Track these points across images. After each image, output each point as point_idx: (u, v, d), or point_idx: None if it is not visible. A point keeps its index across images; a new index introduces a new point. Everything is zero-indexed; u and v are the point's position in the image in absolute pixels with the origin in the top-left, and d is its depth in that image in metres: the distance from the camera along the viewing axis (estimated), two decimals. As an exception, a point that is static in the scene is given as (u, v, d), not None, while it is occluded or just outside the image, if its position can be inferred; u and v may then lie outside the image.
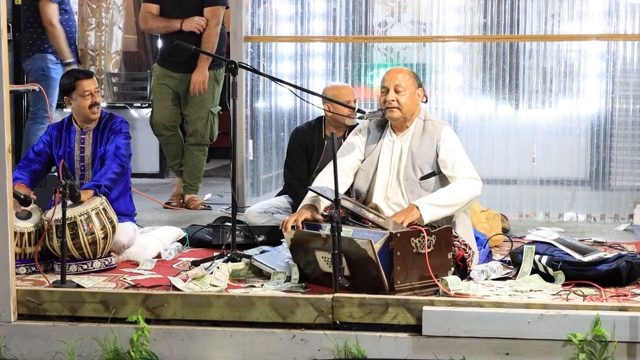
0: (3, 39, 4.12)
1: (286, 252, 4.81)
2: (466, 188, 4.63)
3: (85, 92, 5.21)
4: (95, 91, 5.25)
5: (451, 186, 4.65)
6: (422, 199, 4.60)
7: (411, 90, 4.77)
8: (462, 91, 7.00)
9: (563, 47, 6.78)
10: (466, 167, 4.69)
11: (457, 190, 4.61)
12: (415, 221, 4.50)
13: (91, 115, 5.24)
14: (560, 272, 4.51)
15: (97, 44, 9.16)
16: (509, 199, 6.88)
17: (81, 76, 5.26)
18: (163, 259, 5.16)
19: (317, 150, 5.91)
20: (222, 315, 4.19)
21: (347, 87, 5.98)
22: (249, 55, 7.13)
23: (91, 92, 5.22)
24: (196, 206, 6.97)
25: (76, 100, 5.24)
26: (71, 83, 5.23)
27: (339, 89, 5.87)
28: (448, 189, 4.64)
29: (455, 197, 4.60)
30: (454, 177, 4.67)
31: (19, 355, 4.23)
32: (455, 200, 4.59)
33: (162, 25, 6.85)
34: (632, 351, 3.89)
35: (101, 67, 9.21)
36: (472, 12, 6.95)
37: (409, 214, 4.52)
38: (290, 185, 5.98)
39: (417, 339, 4.01)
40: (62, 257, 4.53)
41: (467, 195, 4.62)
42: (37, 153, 5.29)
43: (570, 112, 6.73)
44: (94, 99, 5.23)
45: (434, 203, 4.55)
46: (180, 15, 6.77)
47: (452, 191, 4.62)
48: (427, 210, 4.52)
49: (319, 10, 7.15)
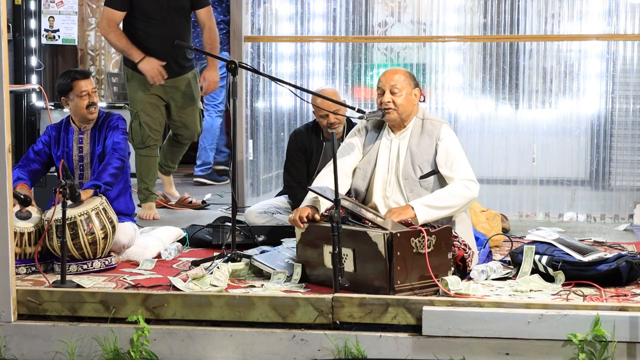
0: (3, 39, 4.12)
1: (286, 252, 4.82)
2: (463, 190, 4.62)
3: (83, 93, 5.21)
4: (93, 91, 5.25)
5: (448, 188, 4.64)
6: (419, 199, 4.60)
7: (407, 91, 4.77)
8: (462, 91, 7.00)
9: (563, 47, 6.78)
10: (464, 169, 4.69)
11: (453, 193, 4.61)
12: (408, 220, 4.50)
13: (89, 116, 5.24)
14: (560, 272, 4.51)
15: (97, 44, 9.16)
16: (509, 199, 6.88)
17: (78, 76, 5.25)
18: (163, 259, 5.16)
19: (316, 152, 5.91)
20: (222, 315, 4.19)
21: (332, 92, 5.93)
22: (249, 55, 7.12)
23: (88, 92, 5.22)
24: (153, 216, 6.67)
25: (73, 101, 5.23)
26: (68, 83, 5.23)
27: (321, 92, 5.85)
28: (445, 190, 4.63)
29: (452, 200, 4.59)
30: (451, 179, 4.66)
31: (19, 355, 4.23)
32: (451, 202, 4.59)
33: (122, 46, 6.44)
34: (632, 351, 3.89)
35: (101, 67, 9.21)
36: (472, 12, 6.95)
37: (402, 212, 4.52)
38: (290, 188, 5.98)
39: (417, 339, 4.01)
40: (62, 257, 4.53)
41: (464, 197, 4.62)
42: (36, 153, 5.30)
43: (570, 112, 6.72)
44: (91, 99, 5.23)
45: (429, 204, 4.55)
46: (164, 18, 6.42)
47: (449, 193, 4.61)
48: (423, 211, 4.52)
49: (319, 10, 7.15)
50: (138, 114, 6.57)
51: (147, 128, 6.57)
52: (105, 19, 6.44)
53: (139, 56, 6.40)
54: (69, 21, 8.85)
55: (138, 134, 6.58)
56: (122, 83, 9.38)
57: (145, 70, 6.40)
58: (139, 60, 6.40)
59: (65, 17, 8.84)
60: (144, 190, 6.62)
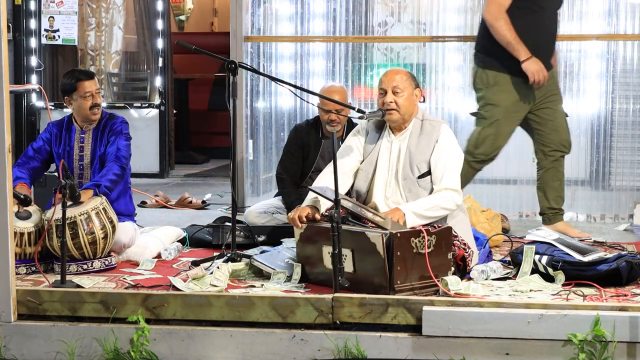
0: (3, 39, 4.12)
1: (286, 252, 4.82)
2: (448, 203, 4.65)
3: (87, 94, 5.20)
4: (96, 92, 5.24)
5: (437, 200, 4.65)
6: (409, 205, 4.60)
7: (409, 92, 4.78)
8: (462, 91, 7.00)
9: (563, 47, 6.78)
10: (453, 179, 4.70)
11: (440, 205, 4.63)
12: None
13: (92, 116, 5.24)
14: (560, 272, 4.51)
15: (97, 44, 9.16)
16: (509, 199, 6.88)
17: (82, 77, 5.24)
18: (163, 259, 5.16)
19: (314, 148, 5.92)
20: (222, 315, 4.19)
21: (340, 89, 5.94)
22: (249, 55, 7.13)
23: (92, 94, 5.21)
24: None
25: (77, 101, 5.23)
26: (72, 84, 5.22)
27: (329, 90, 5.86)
28: (434, 202, 4.64)
29: (437, 212, 4.63)
30: (439, 187, 4.67)
31: (19, 355, 4.23)
32: (436, 214, 4.63)
33: (510, 39, 5.57)
34: (632, 351, 3.89)
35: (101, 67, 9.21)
36: (472, 12, 6.95)
37: (394, 214, 4.53)
38: (281, 181, 5.98)
39: (417, 339, 4.01)
40: (62, 257, 4.53)
41: (447, 210, 4.67)
42: (36, 150, 5.29)
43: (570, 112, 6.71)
44: (94, 100, 5.22)
45: (418, 213, 4.57)
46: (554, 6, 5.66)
47: (436, 205, 4.63)
48: (411, 218, 4.55)
49: (319, 10, 7.15)
50: (498, 122, 5.74)
51: (502, 139, 5.79)
52: (495, 3, 5.60)
53: (526, 54, 5.57)
54: (69, 21, 8.86)
55: (487, 143, 5.78)
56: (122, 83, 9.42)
57: (532, 71, 5.58)
58: (525, 59, 5.57)
59: (65, 17, 8.84)
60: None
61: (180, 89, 10.24)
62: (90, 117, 5.24)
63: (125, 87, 9.40)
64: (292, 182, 5.92)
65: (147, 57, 9.29)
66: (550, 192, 5.93)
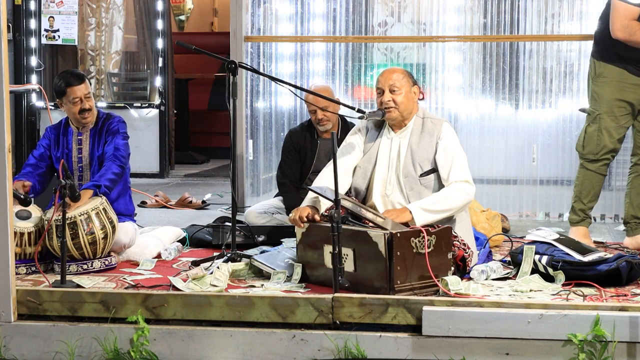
0: (3, 39, 4.12)
1: (286, 252, 4.82)
2: (460, 194, 4.63)
3: (75, 99, 5.14)
4: (86, 97, 5.16)
5: (446, 192, 4.64)
6: (416, 203, 4.60)
7: (406, 89, 4.79)
8: (462, 91, 7.00)
9: (563, 47, 6.78)
10: (462, 171, 4.69)
11: (451, 197, 4.61)
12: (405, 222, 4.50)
13: (82, 121, 5.21)
14: (560, 272, 4.51)
15: (97, 44, 9.16)
16: (509, 199, 6.88)
17: (72, 81, 5.15)
18: (163, 259, 5.16)
19: (310, 150, 5.93)
20: (222, 315, 4.19)
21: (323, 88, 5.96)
22: (249, 55, 7.13)
23: (81, 98, 5.15)
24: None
25: (67, 105, 5.20)
26: (62, 88, 5.16)
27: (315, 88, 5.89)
28: (442, 194, 4.63)
29: (449, 204, 4.60)
30: (448, 181, 4.67)
31: (19, 355, 4.23)
32: (448, 206, 4.60)
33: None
34: (632, 351, 3.89)
35: (101, 67, 9.21)
36: (472, 12, 6.95)
37: (400, 214, 4.53)
38: (281, 185, 6.00)
39: (417, 339, 4.01)
40: (62, 257, 4.53)
41: (461, 201, 4.63)
42: (39, 158, 5.27)
43: (570, 112, 6.72)
44: (83, 105, 5.16)
45: (427, 208, 4.56)
46: None
47: (445, 197, 4.61)
48: (420, 215, 4.52)
49: (319, 10, 7.15)
50: (600, 117, 5.45)
51: (607, 136, 5.46)
52: (620, 16, 5.24)
53: None
54: (69, 21, 8.86)
55: (592, 141, 5.49)
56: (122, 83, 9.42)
57: None
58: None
59: (65, 17, 8.84)
60: (579, 211, 5.62)
61: (180, 89, 10.24)
62: (81, 122, 5.22)
63: (125, 87, 9.40)
64: (292, 185, 5.94)
65: (147, 57, 9.29)
66: (635, 199, 5.69)
